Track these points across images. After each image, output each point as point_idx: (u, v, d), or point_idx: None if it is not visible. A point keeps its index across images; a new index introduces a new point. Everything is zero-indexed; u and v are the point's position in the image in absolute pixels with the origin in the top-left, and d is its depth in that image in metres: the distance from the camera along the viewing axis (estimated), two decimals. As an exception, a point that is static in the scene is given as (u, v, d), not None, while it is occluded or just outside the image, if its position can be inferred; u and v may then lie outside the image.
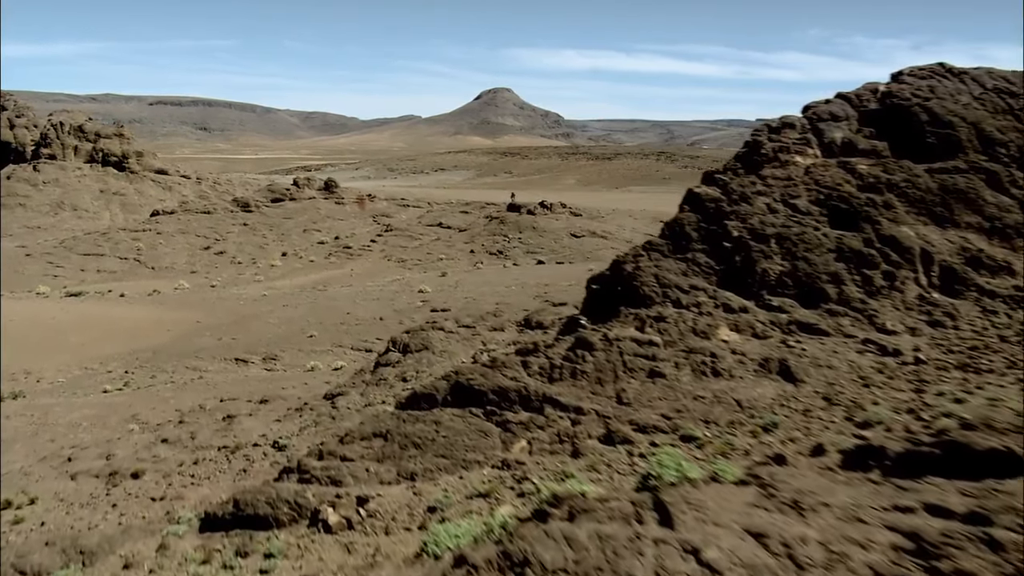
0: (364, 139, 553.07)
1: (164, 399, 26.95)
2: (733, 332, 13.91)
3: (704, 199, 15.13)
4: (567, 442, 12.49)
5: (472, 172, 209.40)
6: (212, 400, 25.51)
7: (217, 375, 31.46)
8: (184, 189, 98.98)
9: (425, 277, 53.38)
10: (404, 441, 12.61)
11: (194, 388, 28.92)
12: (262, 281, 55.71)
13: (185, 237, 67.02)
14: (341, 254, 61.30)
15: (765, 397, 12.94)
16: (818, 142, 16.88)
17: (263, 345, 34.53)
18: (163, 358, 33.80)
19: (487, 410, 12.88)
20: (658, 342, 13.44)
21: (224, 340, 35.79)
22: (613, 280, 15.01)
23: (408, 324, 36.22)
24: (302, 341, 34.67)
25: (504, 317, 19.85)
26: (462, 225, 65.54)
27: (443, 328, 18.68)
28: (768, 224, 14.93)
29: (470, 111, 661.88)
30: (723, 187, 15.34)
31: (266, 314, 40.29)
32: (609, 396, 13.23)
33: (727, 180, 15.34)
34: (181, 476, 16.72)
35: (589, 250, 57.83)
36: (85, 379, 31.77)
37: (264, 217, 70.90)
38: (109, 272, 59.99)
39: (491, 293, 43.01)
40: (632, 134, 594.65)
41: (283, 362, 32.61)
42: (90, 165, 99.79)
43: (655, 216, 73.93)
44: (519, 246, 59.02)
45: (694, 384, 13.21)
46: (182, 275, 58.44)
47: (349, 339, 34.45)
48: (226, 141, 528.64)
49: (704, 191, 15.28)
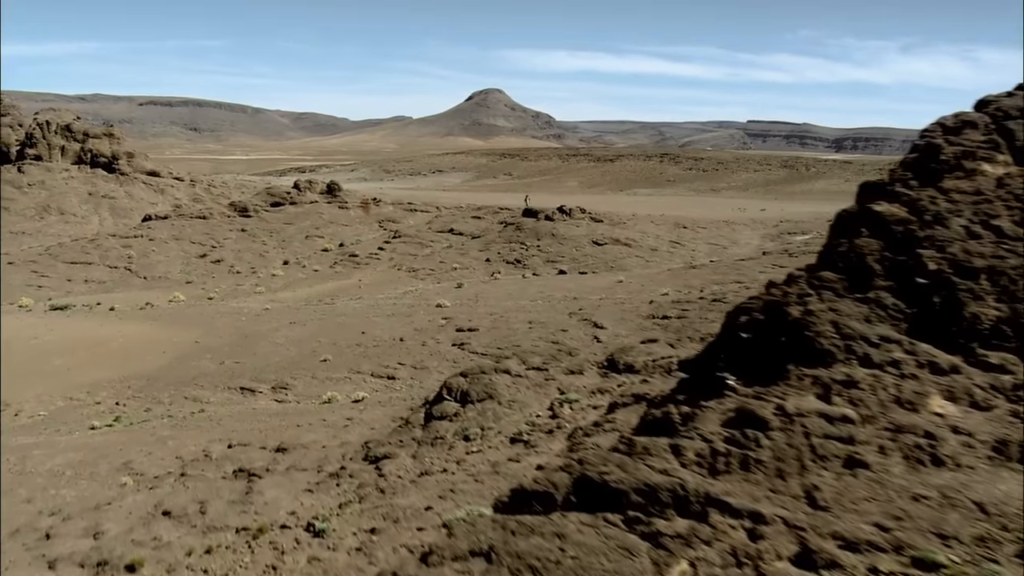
0: (355, 140, 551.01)
1: (161, 440, 23.14)
2: (948, 401, 10.32)
3: (889, 221, 11.39)
4: (748, 564, 8.81)
5: (471, 174, 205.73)
6: (218, 444, 21.73)
7: (220, 408, 27.64)
8: (177, 192, 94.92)
9: (440, 288, 49.65)
10: (517, 564, 8.89)
11: (195, 425, 25.10)
12: (263, 293, 51.88)
13: (179, 244, 63.09)
14: (347, 263, 57.48)
15: (1014, 498, 9.40)
16: (1008, 145, 13.07)
17: (271, 371, 30.74)
18: (159, 386, 29.97)
19: (629, 517, 9.19)
20: (853, 417, 9.80)
21: (227, 364, 31.99)
22: (771, 326, 11.28)
23: (432, 346, 32.52)
24: (314, 366, 30.91)
25: (580, 357, 16.09)
26: (475, 231, 61.82)
27: (508, 371, 14.96)
28: (974, 254, 11.15)
29: (462, 112, 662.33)
30: (911, 205, 11.58)
31: (272, 333, 36.48)
32: (796, 495, 9.62)
33: (915, 196, 11.59)
34: (191, 572, 12.98)
35: (613, 259, 54.25)
36: (70, 412, 27.93)
37: (263, 222, 67.02)
38: (98, 282, 56.05)
39: (516, 308, 39.36)
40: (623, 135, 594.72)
41: (295, 392, 28.84)
42: (78, 166, 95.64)
43: (676, 222, 70.43)
44: (538, 254, 55.36)
45: (909, 477, 9.62)
46: (177, 286, 54.55)
47: (368, 364, 30.70)
48: (216, 142, 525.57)
49: (888, 210, 11.55)
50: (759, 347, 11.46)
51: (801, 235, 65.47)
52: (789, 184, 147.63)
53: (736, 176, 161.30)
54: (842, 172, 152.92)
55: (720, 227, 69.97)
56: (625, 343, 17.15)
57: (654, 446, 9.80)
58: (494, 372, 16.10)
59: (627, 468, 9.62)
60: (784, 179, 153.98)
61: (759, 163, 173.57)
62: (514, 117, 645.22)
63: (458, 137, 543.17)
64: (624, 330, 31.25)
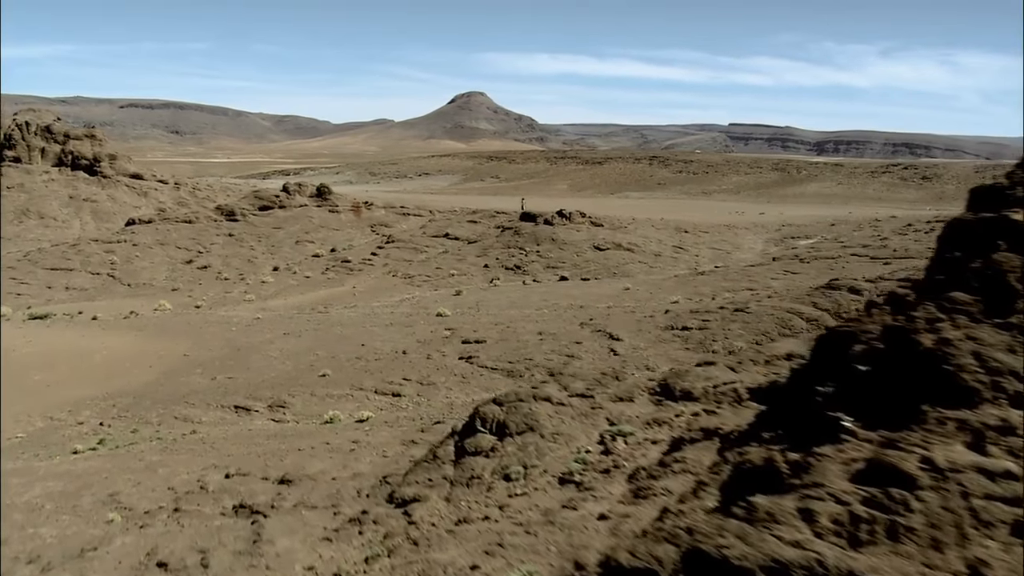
0: (337, 143, 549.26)
1: (150, 467, 21.13)
2: (1118, 451, 8.62)
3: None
4: (907, 663, 7.14)
5: (458, 177, 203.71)
6: (214, 472, 19.74)
7: (214, 429, 25.63)
8: (161, 195, 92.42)
9: (438, 296, 47.77)
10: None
11: (187, 449, 23.09)
12: (253, 301, 49.77)
13: (164, 249, 60.82)
14: (340, 269, 55.42)
15: None
16: None
17: (266, 387, 28.75)
18: (146, 404, 27.91)
19: (758, 606, 7.48)
20: (1017, 473, 8.12)
21: (219, 380, 29.97)
22: (894, 357, 9.47)
23: (437, 359, 30.62)
24: (313, 382, 28.94)
25: (629, 381, 14.25)
26: (471, 236, 59.89)
27: (549, 398, 13.16)
28: None
29: (444, 115, 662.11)
30: (1053, 213, 9.75)
31: (265, 345, 34.48)
32: (958, 572, 7.94)
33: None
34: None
35: (615, 264, 52.48)
36: (50, 433, 25.83)
37: (251, 227, 64.83)
38: (80, 290, 53.76)
39: (522, 318, 37.52)
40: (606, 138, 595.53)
41: (293, 411, 26.85)
42: (58, 169, 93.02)
43: (677, 226, 68.78)
44: (538, 260, 53.50)
45: (1086, 547, 7.96)
46: (162, 293, 52.37)
47: (370, 380, 28.76)
48: (198, 144, 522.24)
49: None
50: (879, 382, 9.62)
51: (805, 239, 64.02)
52: (781, 187, 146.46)
53: (727, 179, 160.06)
54: (833, 175, 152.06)
55: (722, 231, 68.39)
56: (680, 367, 15.32)
57: (779, 510, 7.91)
58: (533, 399, 14.24)
59: (750, 539, 7.72)
60: (776, 182, 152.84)
61: (749, 166, 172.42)
62: (496, 120, 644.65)
63: (440, 140, 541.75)
64: (642, 342, 29.52)
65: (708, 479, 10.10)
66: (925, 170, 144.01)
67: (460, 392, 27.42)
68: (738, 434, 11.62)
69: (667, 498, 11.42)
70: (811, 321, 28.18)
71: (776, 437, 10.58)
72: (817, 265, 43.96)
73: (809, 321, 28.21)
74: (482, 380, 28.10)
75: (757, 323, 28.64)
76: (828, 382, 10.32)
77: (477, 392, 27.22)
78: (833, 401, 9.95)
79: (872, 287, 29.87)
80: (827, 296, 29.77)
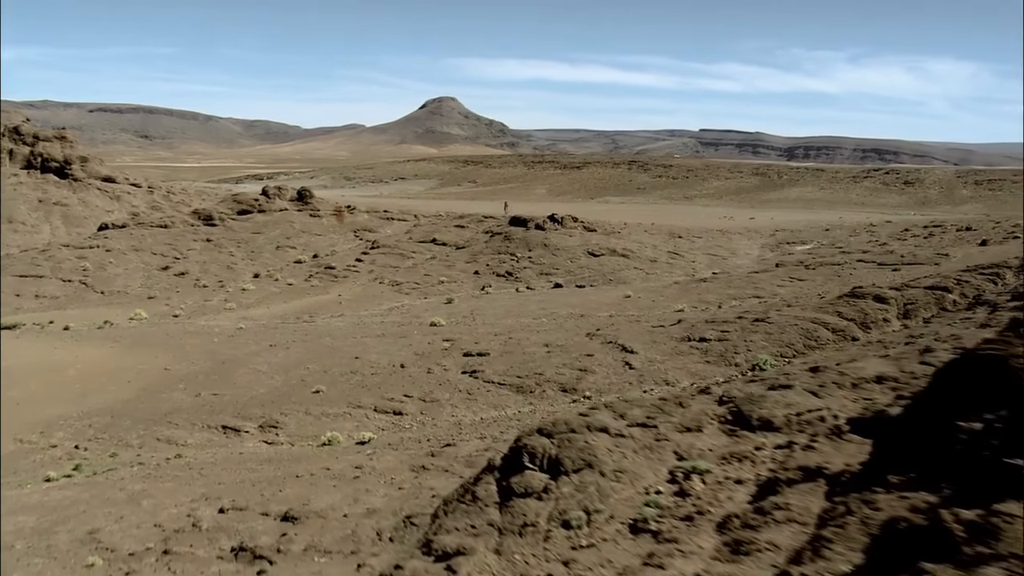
0: (308, 147, 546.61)
1: (133, 498, 19.01)
2: None
3: None
4: None
5: (434, 181, 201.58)
6: (206, 505, 17.69)
7: (201, 452, 23.51)
8: (134, 199, 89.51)
9: (429, 304, 45.80)
10: None
11: (173, 476, 21.00)
12: (234, 309, 47.49)
13: (139, 255, 58.24)
14: (324, 276, 53.21)
15: None
16: None
17: (256, 405, 26.66)
18: (125, 424, 25.71)
19: None
20: None
21: (203, 397, 27.83)
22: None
23: (439, 373, 28.67)
24: (306, 399, 26.90)
25: (693, 408, 12.50)
26: (459, 242, 57.87)
27: (605, 428, 11.45)
28: None
29: (415, 120, 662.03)
30: None
31: (251, 358, 32.35)
32: None
33: None
34: None
35: (611, 271, 50.73)
36: (20, 458, 23.57)
37: (230, 232, 62.40)
38: (50, 298, 51.12)
39: (521, 328, 35.71)
40: (577, 143, 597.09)
41: (287, 431, 24.79)
42: (27, 171, 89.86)
43: (670, 231, 67.25)
44: (530, 266, 51.63)
45: None
46: (138, 301, 49.89)
47: (368, 396, 26.77)
48: (168, 149, 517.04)
49: None
50: None
51: (801, 245, 62.70)
52: (763, 192, 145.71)
53: (707, 184, 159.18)
54: (815, 180, 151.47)
55: (716, 237, 66.91)
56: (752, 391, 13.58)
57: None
58: (588, 430, 12.42)
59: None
60: (757, 187, 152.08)
61: (729, 171, 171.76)
62: (468, 125, 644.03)
63: (412, 145, 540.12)
64: (657, 354, 27.78)
65: (830, 534, 8.30)
66: (907, 175, 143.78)
67: (466, 410, 25.52)
68: (852, 476, 9.88)
69: (775, 555, 9.53)
70: (837, 332, 26.62)
71: (909, 483, 8.76)
72: (823, 272, 42.48)
73: (835, 332, 26.65)
74: (489, 397, 26.20)
75: (780, 334, 27.03)
76: (974, 417, 8.50)
77: (485, 410, 25.36)
78: (990, 441, 8.11)
79: (898, 295, 28.35)
80: (852, 305, 28.20)
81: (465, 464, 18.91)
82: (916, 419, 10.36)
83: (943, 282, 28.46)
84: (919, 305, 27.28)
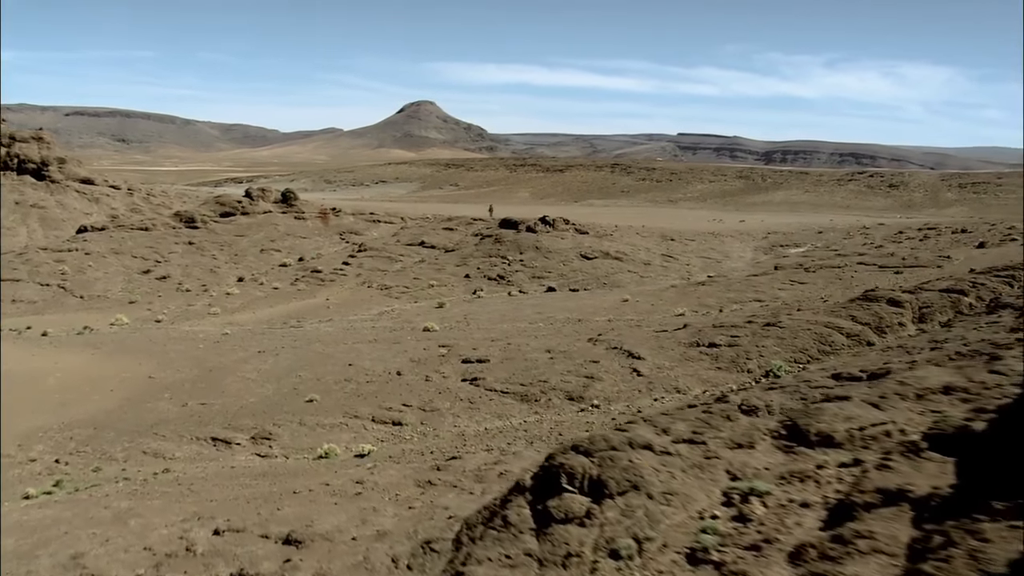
0: (286, 151, 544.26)
1: (119, 517, 17.66)
2: None
3: None
4: None
5: (415, 184, 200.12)
6: (199, 526, 16.39)
7: (190, 466, 22.19)
8: (114, 201, 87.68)
9: (419, 309, 44.59)
10: None
11: (162, 492, 19.68)
12: (219, 314, 46.08)
13: (119, 258, 56.64)
14: (310, 279, 51.86)
15: None
16: None
17: (247, 415, 25.37)
18: (108, 436, 24.33)
19: None
20: None
21: (191, 406, 26.51)
22: None
23: (438, 381, 27.49)
24: (300, 408, 25.64)
25: (743, 422, 11.49)
26: (448, 244, 56.71)
27: (649, 446, 10.33)
28: None
29: (393, 124, 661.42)
30: None
31: (239, 365, 31.05)
32: None
33: None
34: None
35: (604, 274, 49.73)
36: (-4, 474, 22.21)
37: (213, 234, 60.90)
38: (28, 303, 49.48)
39: (517, 332, 34.63)
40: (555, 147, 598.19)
41: (280, 443, 23.51)
42: (3, 173, 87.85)
43: (663, 234, 66.36)
44: (522, 270, 50.54)
45: None
46: (118, 306, 48.36)
47: (365, 406, 25.56)
48: (145, 153, 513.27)
49: None
50: None
51: (795, 247, 62.02)
52: (748, 195, 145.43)
53: (691, 187, 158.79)
54: (800, 183, 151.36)
55: (708, 239, 66.11)
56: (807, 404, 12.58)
57: None
58: (629, 447, 11.35)
59: None
60: (741, 190, 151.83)
61: (713, 174, 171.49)
62: (446, 129, 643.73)
63: (390, 149, 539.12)
64: (666, 360, 26.74)
65: (931, 569, 7.31)
66: (892, 178, 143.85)
67: (469, 420, 24.35)
68: (942, 501, 8.83)
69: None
70: (852, 337, 25.73)
71: (1018, 510, 7.74)
72: (824, 275, 41.68)
73: (850, 336, 25.76)
74: (492, 406, 25.06)
75: (793, 339, 26.11)
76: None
77: (489, 419, 24.21)
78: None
79: (913, 298, 27.51)
80: (865, 309, 27.31)
81: (475, 479, 17.79)
82: (1007, 435, 9.35)
83: (958, 285, 27.62)
84: (935, 308, 26.45)
